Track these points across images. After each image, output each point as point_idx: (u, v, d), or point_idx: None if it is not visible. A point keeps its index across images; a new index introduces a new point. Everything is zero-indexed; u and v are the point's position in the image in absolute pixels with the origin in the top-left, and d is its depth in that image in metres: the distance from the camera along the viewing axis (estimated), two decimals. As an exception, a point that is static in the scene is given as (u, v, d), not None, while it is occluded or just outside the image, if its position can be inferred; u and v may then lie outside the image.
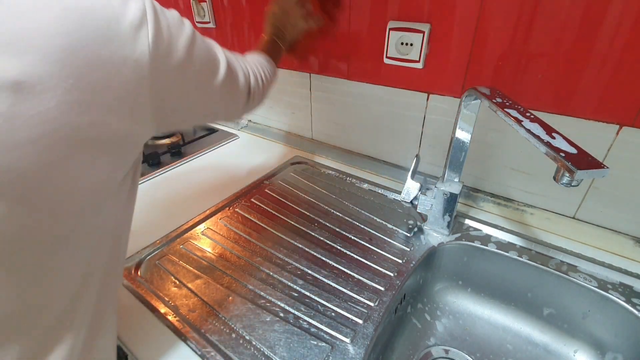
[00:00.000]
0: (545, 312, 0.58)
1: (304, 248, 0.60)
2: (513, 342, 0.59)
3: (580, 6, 0.48)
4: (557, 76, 0.53)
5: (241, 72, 0.48)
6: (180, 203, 0.72)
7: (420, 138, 0.72)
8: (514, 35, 0.54)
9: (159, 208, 0.71)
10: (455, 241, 0.61)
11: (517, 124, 0.41)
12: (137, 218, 0.67)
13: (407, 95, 0.69)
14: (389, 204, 0.71)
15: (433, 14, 0.60)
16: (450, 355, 0.57)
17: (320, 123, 0.88)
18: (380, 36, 0.67)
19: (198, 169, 0.85)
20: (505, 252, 0.58)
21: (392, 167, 0.79)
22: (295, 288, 0.52)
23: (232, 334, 0.46)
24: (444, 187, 0.58)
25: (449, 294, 0.65)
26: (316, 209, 0.70)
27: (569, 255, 0.56)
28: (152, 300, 0.50)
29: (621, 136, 0.52)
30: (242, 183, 0.77)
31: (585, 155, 0.35)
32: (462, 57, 0.60)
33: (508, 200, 0.66)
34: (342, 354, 0.43)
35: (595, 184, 0.57)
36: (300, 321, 0.47)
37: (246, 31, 0.90)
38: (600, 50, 0.49)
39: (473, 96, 0.50)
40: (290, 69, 0.85)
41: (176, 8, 1.06)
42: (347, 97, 0.79)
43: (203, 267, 0.56)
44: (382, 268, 0.56)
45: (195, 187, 0.78)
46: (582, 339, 0.56)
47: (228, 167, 0.86)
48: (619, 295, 0.50)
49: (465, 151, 0.56)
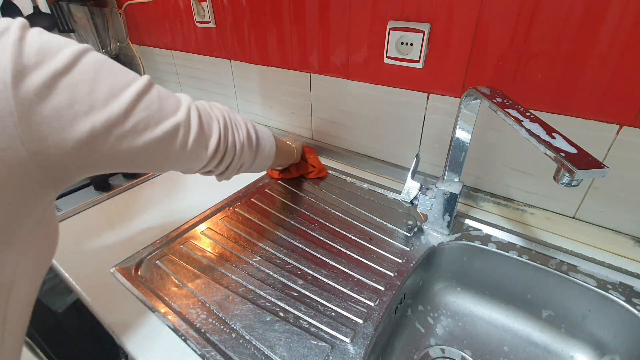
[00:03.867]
0: (545, 312, 0.58)
1: (304, 248, 0.60)
2: (513, 342, 0.59)
3: (580, 6, 0.48)
4: (557, 76, 0.53)
5: (215, 132, 0.42)
6: (180, 203, 0.72)
7: (420, 138, 0.72)
8: (514, 35, 0.54)
9: (159, 208, 0.71)
10: (455, 241, 0.61)
11: (517, 124, 0.41)
12: (138, 218, 0.68)
13: (407, 95, 0.69)
14: (389, 204, 0.71)
15: (433, 14, 0.60)
16: (449, 354, 0.57)
17: (320, 123, 0.88)
18: (380, 36, 0.67)
19: (198, 168, 0.85)
20: (505, 252, 0.58)
21: (392, 167, 0.79)
22: (295, 288, 0.52)
23: (232, 333, 0.46)
24: (444, 187, 0.58)
25: (448, 294, 0.65)
26: (316, 208, 0.70)
27: (569, 255, 0.56)
28: (152, 299, 0.50)
29: (621, 136, 0.52)
30: (242, 183, 0.77)
31: (585, 155, 0.35)
32: (462, 57, 0.60)
33: (508, 200, 0.66)
34: (342, 354, 0.43)
35: (595, 184, 0.57)
36: (300, 321, 0.47)
37: (246, 31, 0.90)
38: (600, 50, 0.49)
39: (473, 96, 0.50)
40: (290, 68, 0.85)
41: (176, 8, 1.06)
42: (347, 97, 0.79)
43: (203, 267, 0.56)
44: (382, 268, 0.56)
45: (195, 187, 0.78)
46: (581, 339, 0.56)
47: (228, 167, 0.85)
48: (619, 295, 0.50)
49: (465, 151, 0.56)
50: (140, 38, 1.24)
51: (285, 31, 0.82)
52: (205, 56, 1.06)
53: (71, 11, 1.12)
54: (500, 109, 0.44)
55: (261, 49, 0.89)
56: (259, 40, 0.88)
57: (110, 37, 1.21)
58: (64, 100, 0.27)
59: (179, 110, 0.37)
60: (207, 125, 0.41)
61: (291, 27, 0.80)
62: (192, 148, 0.39)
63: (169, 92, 0.38)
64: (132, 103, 0.31)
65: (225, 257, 0.58)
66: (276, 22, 0.82)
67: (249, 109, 1.05)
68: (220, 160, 0.44)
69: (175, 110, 0.37)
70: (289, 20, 0.80)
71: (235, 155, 0.46)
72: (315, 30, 0.76)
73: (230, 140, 0.45)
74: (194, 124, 0.38)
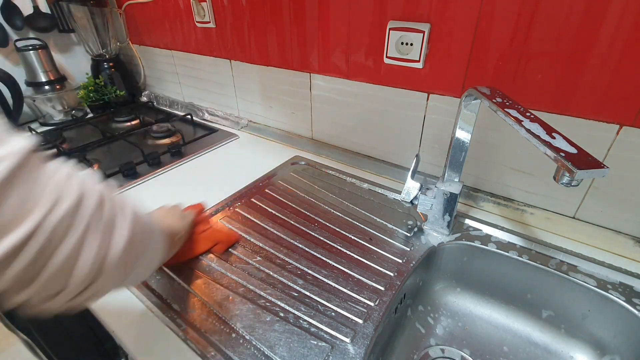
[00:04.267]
0: (545, 312, 0.58)
1: (304, 248, 0.60)
2: (513, 342, 0.59)
3: (580, 6, 0.48)
4: (557, 76, 0.53)
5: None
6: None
7: (420, 138, 0.72)
8: (514, 35, 0.54)
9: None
10: (455, 241, 0.61)
11: (517, 124, 0.41)
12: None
13: (407, 95, 0.69)
14: (389, 204, 0.71)
15: (433, 14, 0.60)
16: (449, 354, 0.57)
17: (320, 123, 0.88)
18: (380, 36, 0.67)
19: (198, 168, 0.85)
20: (505, 252, 0.58)
21: (392, 167, 0.79)
22: (295, 288, 0.52)
23: (232, 333, 0.46)
24: (444, 187, 0.58)
25: (448, 294, 0.65)
26: (316, 209, 0.70)
27: (569, 255, 0.56)
28: (152, 299, 0.50)
29: (621, 136, 0.52)
30: (242, 183, 0.77)
31: (585, 155, 0.35)
32: (462, 57, 0.60)
33: (508, 200, 0.66)
34: (342, 354, 0.43)
35: (595, 184, 0.57)
36: (300, 321, 0.47)
37: (246, 31, 0.90)
38: (600, 50, 0.49)
39: (473, 96, 0.50)
40: (290, 68, 0.86)
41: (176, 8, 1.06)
42: (347, 97, 0.79)
43: (203, 267, 0.56)
44: (382, 268, 0.56)
45: (195, 187, 0.78)
46: (581, 339, 0.56)
47: (228, 167, 0.86)
48: (619, 295, 0.50)
49: (465, 151, 0.56)
50: (140, 38, 1.24)
51: (285, 31, 0.82)
52: (205, 56, 1.06)
53: (71, 11, 1.12)
54: (500, 109, 0.44)
55: (261, 49, 0.89)
56: (259, 40, 0.88)
57: (110, 37, 1.21)
58: None
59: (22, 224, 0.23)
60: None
61: (291, 27, 0.80)
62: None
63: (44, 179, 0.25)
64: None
65: (225, 257, 0.58)
66: (276, 22, 0.82)
67: (249, 109, 1.05)
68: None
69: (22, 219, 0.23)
70: (289, 20, 0.80)
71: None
72: (315, 30, 0.76)
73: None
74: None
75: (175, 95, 1.28)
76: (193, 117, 1.11)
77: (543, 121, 0.41)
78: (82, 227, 0.27)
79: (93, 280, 0.28)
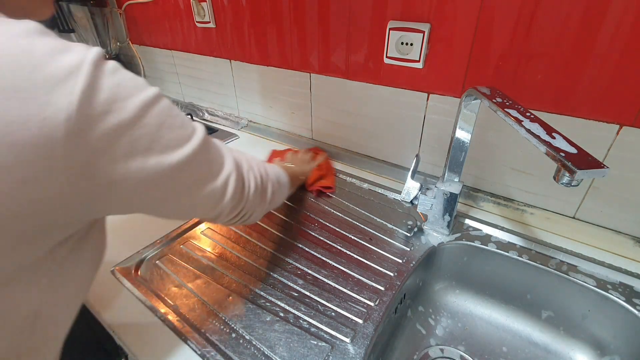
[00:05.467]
0: (545, 312, 0.58)
1: (304, 248, 0.60)
2: (512, 342, 0.59)
3: (580, 6, 0.48)
4: (557, 76, 0.53)
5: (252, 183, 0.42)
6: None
7: (420, 138, 0.72)
8: (514, 35, 0.54)
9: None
10: (455, 241, 0.61)
11: (517, 124, 0.41)
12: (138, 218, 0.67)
13: (407, 95, 0.69)
14: (389, 204, 0.71)
15: (433, 14, 0.60)
16: (448, 354, 0.57)
17: (320, 123, 0.88)
18: (380, 36, 0.67)
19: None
20: (505, 252, 0.58)
21: (392, 167, 0.79)
22: (295, 288, 0.52)
23: (232, 333, 0.46)
24: (444, 187, 0.58)
25: (448, 294, 0.65)
26: (316, 209, 0.70)
27: (569, 255, 0.56)
28: (152, 300, 0.50)
29: (621, 136, 0.52)
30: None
31: (585, 155, 0.35)
32: (462, 57, 0.60)
33: (508, 200, 0.66)
34: (342, 354, 0.43)
35: (595, 184, 0.57)
36: (300, 321, 0.47)
37: (246, 31, 0.90)
38: (600, 50, 0.49)
39: (473, 96, 0.50)
40: (290, 68, 0.86)
41: (176, 8, 1.06)
42: (347, 97, 0.79)
43: (203, 267, 0.56)
44: (382, 268, 0.56)
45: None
46: (581, 339, 0.56)
47: (228, 167, 0.85)
48: (619, 295, 0.50)
49: (465, 151, 0.56)
50: (140, 38, 1.24)
51: (285, 31, 0.82)
52: (205, 56, 1.06)
53: (71, 11, 1.12)
54: (500, 109, 0.44)
55: (261, 49, 0.89)
56: (259, 40, 0.88)
57: (110, 37, 1.21)
58: (120, 153, 0.26)
59: (220, 174, 0.37)
60: (246, 188, 0.41)
61: (291, 27, 0.80)
62: (228, 204, 0.39)
63: (217, 147, 0.38)
64: (184, 161, 0.31)
65: (225, 257, 0.58)
66: (276, 22, 0.82)
67: (249, 109, 1.05)
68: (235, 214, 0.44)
69: (219, 172, 0.37)
70: (289, 20, 0.80)
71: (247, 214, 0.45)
72: (315, 30, 0.76)
73: (250, 204, 0.43)
74: (230, 190, 0.38)
75: (175, 95, 1.28)
76: (193, 117, 1.11)
77: (543, 121, 0.41)
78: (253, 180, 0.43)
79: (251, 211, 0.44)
